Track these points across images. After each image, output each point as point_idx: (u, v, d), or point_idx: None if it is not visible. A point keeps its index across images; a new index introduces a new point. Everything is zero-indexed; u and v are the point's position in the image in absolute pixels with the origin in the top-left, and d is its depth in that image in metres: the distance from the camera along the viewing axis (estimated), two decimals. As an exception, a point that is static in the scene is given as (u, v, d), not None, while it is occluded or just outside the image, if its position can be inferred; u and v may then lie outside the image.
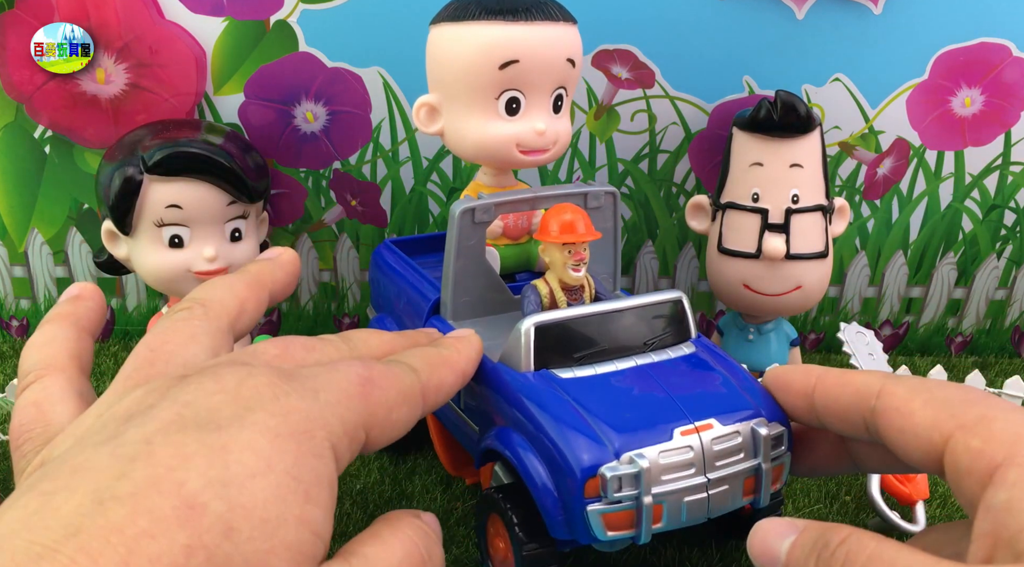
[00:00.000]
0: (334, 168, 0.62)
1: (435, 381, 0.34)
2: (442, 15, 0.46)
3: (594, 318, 0.40)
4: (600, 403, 0.37)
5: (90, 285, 0.35)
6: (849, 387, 0.33)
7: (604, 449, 0.35)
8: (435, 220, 0.64)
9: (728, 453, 0.36)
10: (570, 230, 0.41)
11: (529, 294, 0.43)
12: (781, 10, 0.58)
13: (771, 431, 0.36)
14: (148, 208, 0.50)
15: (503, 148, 0.45)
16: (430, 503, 0.49)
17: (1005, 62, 0.60)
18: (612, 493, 0.34)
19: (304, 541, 0.24)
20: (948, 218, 0.65)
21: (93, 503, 0.21)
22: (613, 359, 0.39)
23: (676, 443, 0.35)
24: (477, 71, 0.44)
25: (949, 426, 0.28)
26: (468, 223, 0.43)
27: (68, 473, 0.23)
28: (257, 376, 0.27)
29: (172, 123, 0.54)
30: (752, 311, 0.57)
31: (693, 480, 0.35)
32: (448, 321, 0.45)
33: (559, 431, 0.35)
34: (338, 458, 0.27)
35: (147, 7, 0.56)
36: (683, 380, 0.39)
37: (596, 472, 0.34)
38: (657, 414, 0.36)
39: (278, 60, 0.59)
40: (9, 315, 0.67)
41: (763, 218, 0.54)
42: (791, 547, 0.29)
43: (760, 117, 0.53)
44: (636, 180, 0.64)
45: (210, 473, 0.23)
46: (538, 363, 0.39)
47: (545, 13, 0.44)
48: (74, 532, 0.20)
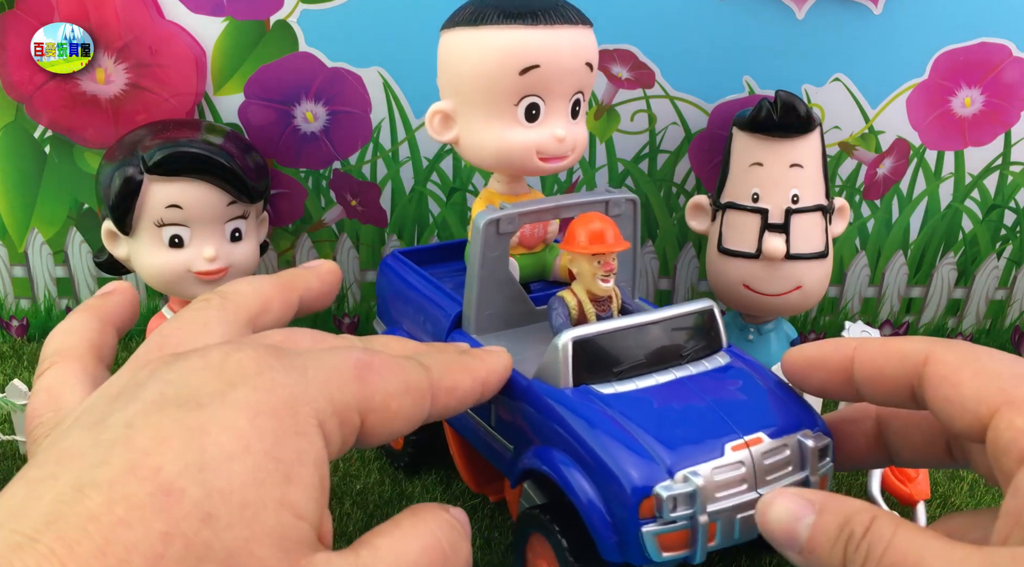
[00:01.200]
0: (334, 168, 0.62)
1: (448, 382, 0.32)
2: (457, 20, 0.44)
3: (632, 331, 0.39)
4: (647, 419, 0.35)
5: (124, 283, 0.35)
6: (894, 355, 0.32)
7: (657, 467, 0.33)
8: (435, 220, 0.64)
9: (778, 467, 0.35)
10: (599, 240, 0.40)
11: (557, 306, 0.41)
12: (781, 10, 0.58)
13: (818, 443, 0.36)
14: (148, 208, 0.50)
15: (523, 155, 0.44)
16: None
17: (1005, 62, 0.60)
18: (668, 513, 0.33)
19: (286, 525, 0.23)
20: (948, 218, 0.65)
21: (73, 490, 0.21)
22: (652, 372, 0.38)
23: (728, 459, 0.34)
24: (496, 77, 0.43)
25: (996, 400, 0.28)
26: (492, 234, 0.42)
27: (54, 460, 0.23)
28: (244, 350, 0.26)
29: (172, 123, 0.54)
30: (752, 311, 0.57)
31: (746, 496, 0.34)
32: (471, 335, 0.44)
33: (608, 450, 0.34)
34: (327, 437, 0.26)
35: (147, 7, 0.56)
36: (726, 392, 0.38)
37: (651, 492, 0.33)
38: (706, 429, 0.35)
39: (278, 60, 0.59)
40: (9, 315, 0.67)
41: (763, 218, 0.54)
42: (813, 530, 0.29)
43: (760, 117, 0.53)
44: (636, 180, 0.64)
45: (187, 457, 0.22)
46: (576, 379, 0.37)
47: (564, 17, 0.43)
48: (53, 520, 0.20)
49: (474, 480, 0.48)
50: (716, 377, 0.39)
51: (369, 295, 0.67)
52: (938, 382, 0.30)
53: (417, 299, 0.48)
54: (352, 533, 0.46)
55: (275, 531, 0.23)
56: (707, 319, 0.41)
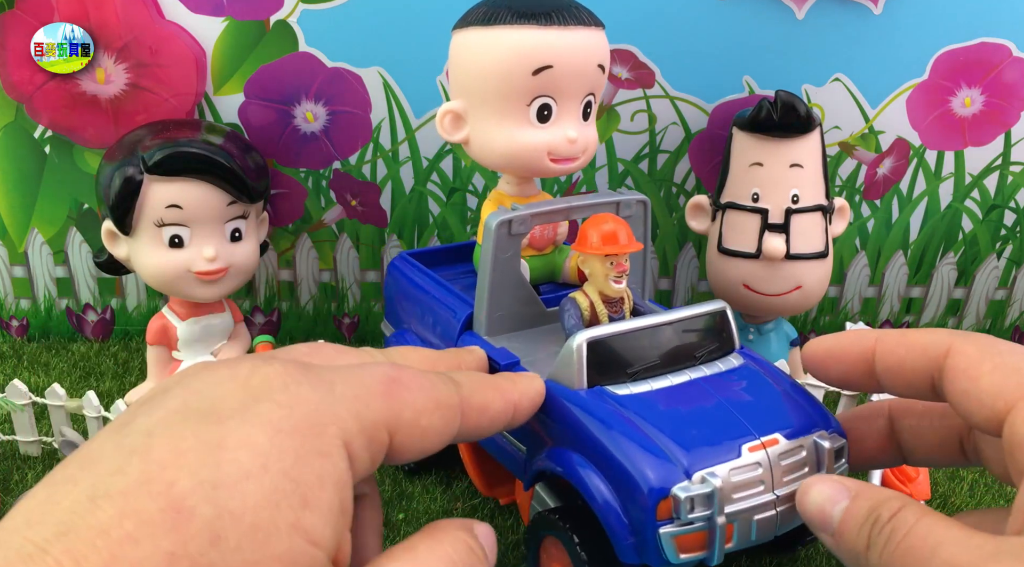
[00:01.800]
0: (334, 168, 0.62)
1: (478, 400, 0.31)
2: (469, 19, 0.44)
3: (646, 332, 0.38)
4: (663, 420, 0.35)
5: None
6: (915, 347, 0.32)
7: (674, 468, 0.33)
8: (435, 220, 0.64)
9: (794, 468, 0.35)
10: (612, 241, 0.40)
11: (569, 307, 0.41)
12: (781, 10, 0.58)
13: (833, 444, 0.36)
14: (148, 208, 0.50)
15: (534, 156, 0.44)
16: (430, 503, 0.49)
17: (1005, 62, 0.60)
18: (685, 514, 0.33)
19: (297, 551, 0.23)
20: (948, 218, 0.65)
21: (88, 500, 0.21)
22: (666, 374, 0.38)
23: (745, 460, 0.34)
24: (509, 77, 0.42)
25: (1014, 396, 0.28)
26: (504, 235, 0.42)
27: (78, 462, 0.23)
28: (272, 365, 0.26)
29: (172, 123, 0.54)
30: (752, 311, 0.57)
31: (763, 497, 0.34)
32: (483, 337, 0.43)
33: (624, 451, 0.34)
34: (353, 458, 0.25)
35: (147, 7, 0.56)
36: (741, 393, 0.37)
37: (668, 493, 0.33)
38: (723, 430, 0.35)
39: (278, 60, 0.59)
40: (9, 315, 0.67)
41: (763, 218, 0.54)
42: (844, 514, 0.29)
43: (760, 117, 0.53)
44: (636, 180, 0.63)
45: (202, 473, 0.22)
46: (591, 380, 0.37)
47: (577, 18, 0.43)
48: (64, 532, 0.21)
49: (484, 483, 0.47)
50: (730, 378, 0.39)
51: (369, 295, 0.67)
52: (957, 375, 0.30)
53: (427, 301, 0.47)
54: (352, 533, 0.46)
55: (285, 557, 0.22)
56: (720, 320, 0.41)
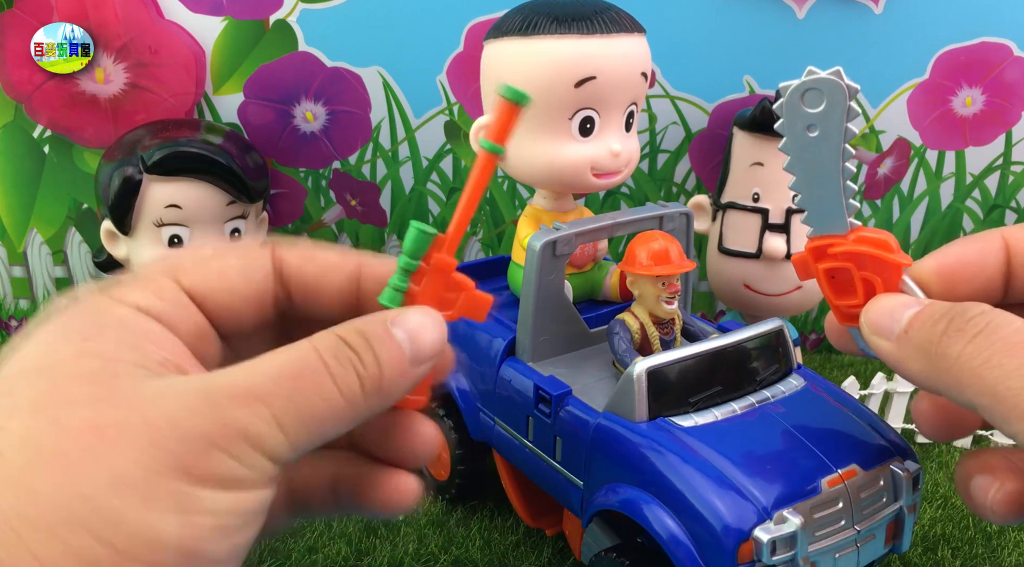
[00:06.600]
0: (334, 168, 0.62)
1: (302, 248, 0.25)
2: (504, 29, 0.41)
3: (707, 358, 0.36)
4: (734, 454, 0.33)
5: None
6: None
7: (752, 508, 0.31)
8: (435, 220, 0.64)
9: (873, 500, 0.34)
10: (664, 260, 0.38)
11: (618, 330, 0.39)
12: (781, 10, 0.58)
13: (910, 471, 0.34)
14: (147, 208, 0.50)
15: (577, 172, 0.42)
16: (430, 503, 0.49)
17: (1006, 62, 0.60)
18: (768, 558, 0.31)
19: None
20: (949, 218, 0.65)
21: None
22: (728, 400, 0.36)
23: (825, 496, 0.32)
24: (550, 90, 0.40)
25: None
26: (549, 257, 0.40)
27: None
28: None
29: (172, 123, 0.54)
30: (752, 311, 0.57)
31: (844, 534, 0.33)
32: (528, 362, 0.41)
33: (698, 490, 0.32)
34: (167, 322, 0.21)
35: (146, 7, 0.56)
36: (809, 420, 0.35)
37: (748, 536, 0.31)
38: (798, 463, 0.33)
39: (278, 60, 0.58)
40: (8, 315, 0.67)
41: (763, 218, 0.54)
42: (915, 315, 0.26)
43: (760, 117, 0.53)
44: (636, 180, 0.63)
45: None
46: (652, 411, 0.35)
47: (619, 25, 0.41)
48: None
49: (528, 513, 0.45)
50: (795, 403, 0.37)
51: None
52: None
53: (462, 327, 0.44)
54: (351, 532, 0.46)
55: None
56: (777, 339, 0.39)
